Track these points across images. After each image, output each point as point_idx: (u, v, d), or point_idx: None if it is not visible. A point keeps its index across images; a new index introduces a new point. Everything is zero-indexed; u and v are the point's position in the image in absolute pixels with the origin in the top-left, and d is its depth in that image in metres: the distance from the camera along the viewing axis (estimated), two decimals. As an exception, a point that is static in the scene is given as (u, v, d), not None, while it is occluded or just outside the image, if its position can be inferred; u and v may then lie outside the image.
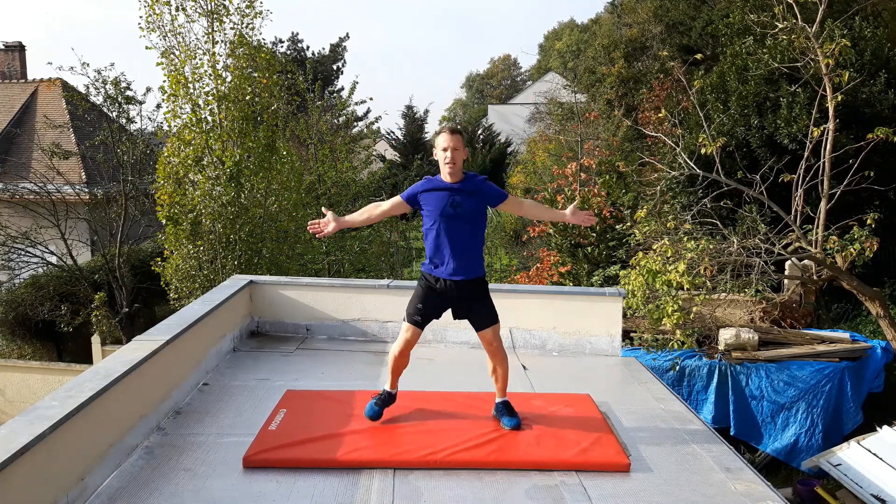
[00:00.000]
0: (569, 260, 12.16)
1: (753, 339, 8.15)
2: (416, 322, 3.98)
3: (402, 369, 4.14)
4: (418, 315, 3.98)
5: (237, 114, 9.13)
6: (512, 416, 4.09)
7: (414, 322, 3.98)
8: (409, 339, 3.99)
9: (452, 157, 3.84)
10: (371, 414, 4.05)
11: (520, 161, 26.55)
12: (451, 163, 3.84)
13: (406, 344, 4.01)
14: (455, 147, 3.84)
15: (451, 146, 3.83)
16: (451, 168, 3.85)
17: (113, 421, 3.56)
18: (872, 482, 6.26)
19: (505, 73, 65.10)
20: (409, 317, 4.01)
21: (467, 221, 3.90)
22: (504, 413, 4.12)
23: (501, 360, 4.08)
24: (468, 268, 3.95)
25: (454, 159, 3.84)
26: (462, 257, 3.91)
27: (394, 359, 4.08)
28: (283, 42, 29.43)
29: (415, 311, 3.99)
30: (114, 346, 11.06)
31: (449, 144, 3.84)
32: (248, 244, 9.27)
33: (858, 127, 9.41)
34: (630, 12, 20.25)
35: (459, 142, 3.87)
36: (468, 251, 3.94)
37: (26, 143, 17.02)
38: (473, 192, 3.91)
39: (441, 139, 3.88)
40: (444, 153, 3.86)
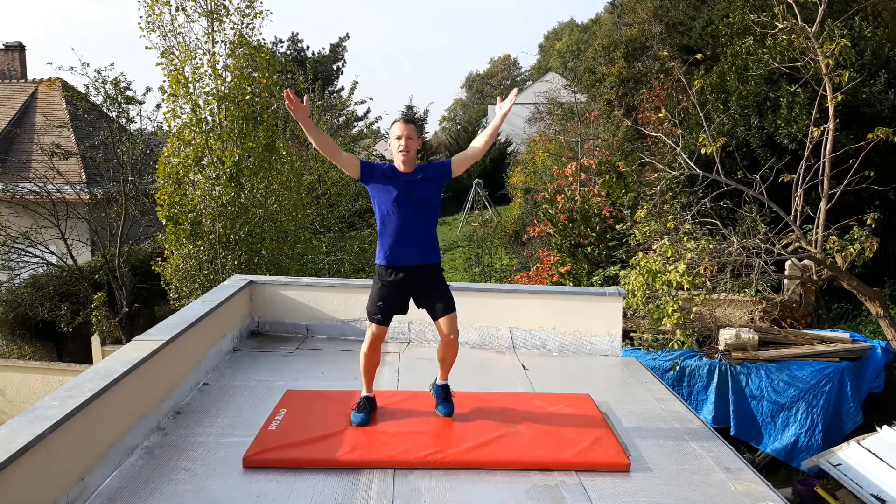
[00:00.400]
0: (569, 260, 12.16)
1: (753, 339, 8.15)
2: (377, 320, 3.99)
3: (373, 369, 4.14)
4: (378, 313, 3.99)
5: (237, 114, 9.13)
6: (448, 403, 4.14)
7: (376, 321, 4.00)
8: (375, 335, 4.00)
9: (406, 146, 3.88)
10: (358, 422, 4.02)
11: (520, 161, 26.55)
12: (405, 150, 3.88)
13: (372, 341, 4.01)
14: (409, 136, 3.88)
15: (404, 135, 3.88)
16: (405, 156, 3.89)
17: (113, 421, 3.56)
18: (872, 482, 6.26)
19: (505, 73, 65.07)
20: (370, 316, 4.02)
21: (420, 209, 3.92)
22: (442, 399, 4.16)
23: (454, 349, 4.09)
24: (422, 253, 3.96)
25: (408, 147, 3.88)
26: (416, 244, 3.93)
27: (363, 357, 4.08)
28: (283, 42, 29.46)
29: (375, 308, 4.00)
30: (114, 346, 11.06)
31: (403, 133, 3.88)
32: (248, 244, 9.27)
33: (858, 127, 9.41)
34: (630, 12, 20.25)
35: (413, 131, 3.92)
36: (422, 238, 3.96)
37: (26, 143, 17.03)
38: (425, 180, 3.93)
39: (395, 128, 3.92)
40: (397, 141, 3.90)
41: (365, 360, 4.09)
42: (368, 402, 4.13)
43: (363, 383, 4.16)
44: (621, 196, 12.75)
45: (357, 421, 4.02)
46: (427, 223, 3.98)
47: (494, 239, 18.40)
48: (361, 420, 4.02)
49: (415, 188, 3.90)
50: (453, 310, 4.03)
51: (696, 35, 15.93)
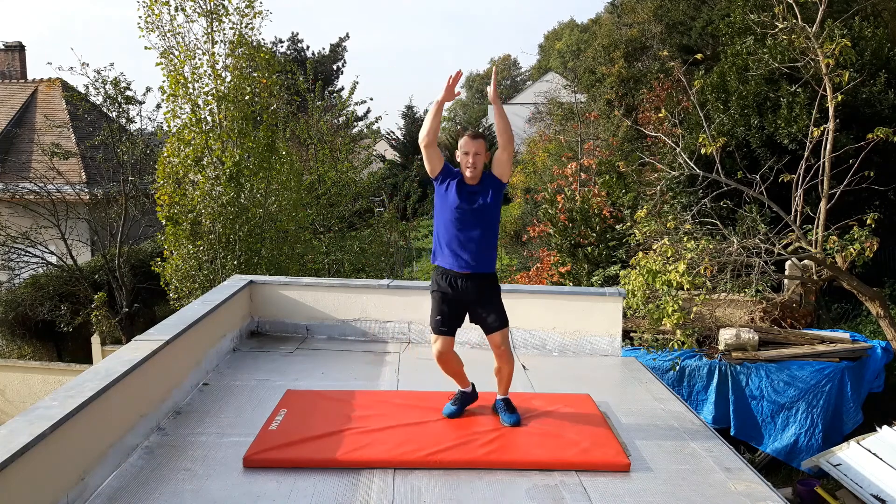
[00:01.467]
0: (569, 260, 12.16)
1: (753, 339, 8.15)
2: (442, 332, 4.05)
3: (457, 369, 4.21)
4: (443, 325, 4.04)
5: (237, 114, 9.12)
6: (512, 413, 4.14)
7: (440, 332, 4.05)
8: (440, 348, 4.07)
9: (474, 162, 3.91)
10: (448, 413, 4.16)
11: (520, 161, 26.54)
12: (473, 167, 3.91)
13: (440, 354, 4.08)
14: (477, 152, 3.91)
15: (472, 151, 3.90)
16: (472, 172, 3.93)
17: (113, 421, 3.56)
18: (872, 482, 6.26)
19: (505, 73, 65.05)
20: (434, 328, 4.08)
21: (480, 217, 3.94)
22: (504, 409, 4.17)
23: (507, 361, 4.13)
24: (479, 262, 3.99)
25: (475, 164, 3.92)
26: (473, 251, 3.96)
27: (444, 369, 4.16)
28: (283, 42, 29.47)
29: (436, 322, 4.06)
30: (114, 346, 11.05)
31: (471, 149, 3.90)
32: (248, 244, 9.27)
33: (858, 127, 9.41)
34: (630, 12, 20.25)
35: (482, 146, 3.94)
36: (480, 246, 3.98)
37: (26, 143, 17.02)
38: (486, 190, 3.96)
39: (463, 143, 3.94)
40: (465, 157, 3.92)
41: (445, 370, 4.18)
42: (463, 396, 4.23)
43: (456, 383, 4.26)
44: (621, 196, 12.75)
45: (447, 413, 4.15)
46: (486, 233, 3.99)
47: (494, 239, 18.35)
48: (451, 412, 4.16)
49: (477, 199, 3.93)
50: (505, 325, 4.07)
51: (697, 35, 15.94)
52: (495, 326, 4.03)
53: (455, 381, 4.24)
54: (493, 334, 4.05)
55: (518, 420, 4.11)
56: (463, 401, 4.22)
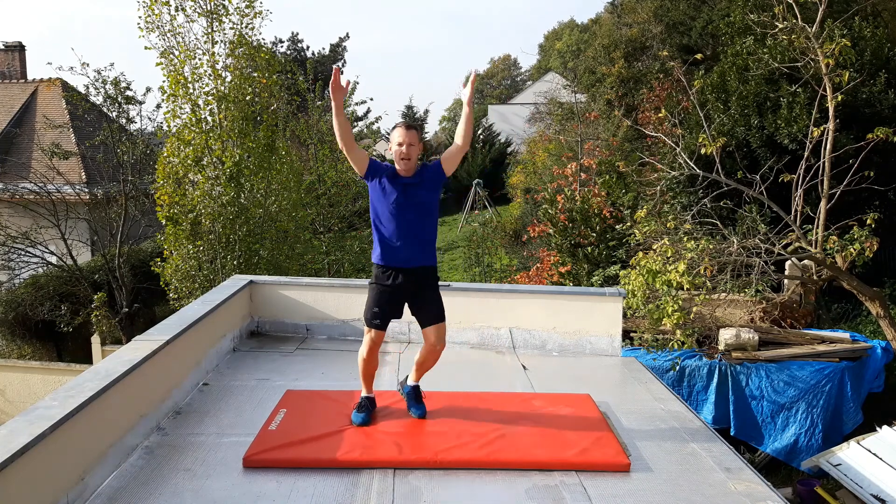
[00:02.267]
0: (569, 260, 12.16)
1: (753, 339, 8.15)
2: (376, 325, 4.01)
3: (372, 372, 4.16)
4: (376, 318, 4.00)
5: (237, 114, 9.12)
6: (420, 405, 4.16)
7: (374, 325, 4.01)
8: (374, 340, 4.02)
9: (408, 153, 3.88)
10: (359, 422, 4.04)
11: (520, 161, 26.54)
12: (407, 157, 3.88)
13: (370, 347, 4.03)
14: (410, 142, 3.88)
15: (406, 141, 3.87)
16: (406, 163, 3.89)
17: (113, 421, 3.56)
18: (872, 482, 6.26)
19: (505, 73, 65.07)
20: (367, 321, 4.04)
21: (418, 212, 3.92)
22: (413, 399, 4.18)
23: (436, 359, 4.13)
24: (419, 255, 3.96)
25: (409, 154, 3.88)
26: (413, 246, 3.93)
27: (362, 362, 4.10)
28: (283, 42, 29.49)
29: (371, 314, 4.01)
30: (114, 346, 11.06)
31: (404, 140, 3.87)
32: (248, 244, 9.27)
33: (858, 127, 9.41)
34: (630, 12, 20.24)
35: (415, 137, 3.91)
36: (420, 240, 3.96)
37: (26, 143, 17.02)
38: (423, 183, 3.93)
39: (396, 134, 3.90)
40: (399, 148, 3.89)
41: (364, 365, 4.11)
42: (369, 402, 4.15)
43: (363, 385, 4.17)
44: (621, 196, 12.75)
45: (358, 421, 4.03)
46: (426, 226, 3.98)
47: (494, 239, 18.40)
48: (362, 420, 4.04)
49: (414, 191, 3.90)
50: (443, 319, 4.04)
51: (697, 35, 15.93)
52: (433, 319, 4.01)
53: (364, 383, 4.16)
54: (429, 327, 4.02)
55: (424, 412, 4.12)
56: (371, 407, 4.15)
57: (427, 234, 4.01)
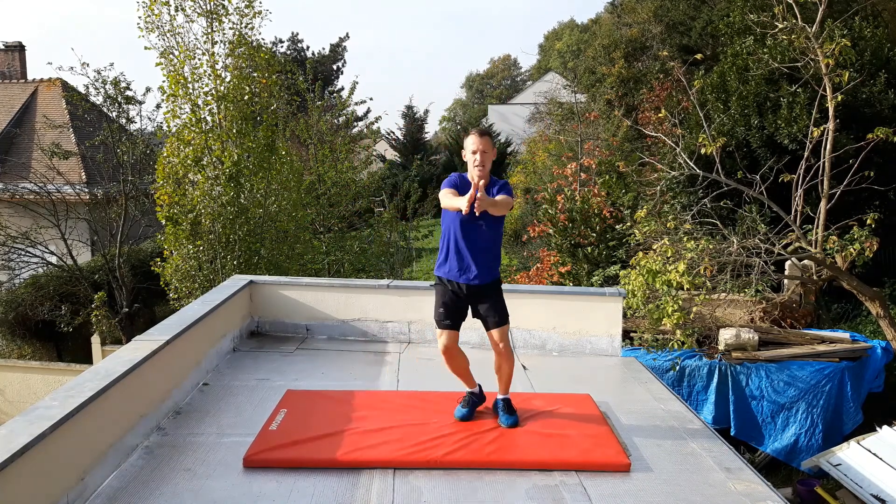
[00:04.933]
0: (569, 260, 12.16)
1: (753, 339, 8.15)
2: (445, 326, 4.00)
3: (463, 368, 4.16)
4: (446, 319, 3.99)
5: (236, 114, 9.11)
6: (510, 414, 4.11)
7: (444, 326, 4.00)
8: (446, 343, 4.01)
9: (482, 161, 3.84)
10: (460, 416, 4.11)
11: (520, 161, 26.53)
12: (481, 165, 3.84)
13: (445, 349, 4.02)
14: (484, 150, 3.84)
15: (480, 149, 3.84)
16: (481, 171, 3.85)
17: (113, 421, 3.56)
18: (872, 482, 6.26)
19: (505, 73, 65.08)
20: (437, 322, 4.03)
21: (487, 226, 3.88)
22: (503, 410, 4.14)
23: (507, 359, 4.09)
24: (482, 272, 3.93)
25: (483, 162, 3.85)
26: (477, 261, 3.90)
27: (448, 366, 4.11)
28: (283, 42, 29.49)
29: (439, 315, 4.01)
30: (114, 346, 11.05)
31: (478, 147, 3.84)
32: (248, 244, 9.27)
33: (858, 127, 9.41)
34: (630, 12, 20.24)
35: (488, 144, 3.88)
36: (484, 255, 3.93)
37: (26, 143, 17.02)
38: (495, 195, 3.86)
39: (470, 142, 3.87)
40: (473, 156, 3.85)
41: (451, 367, 4.12)
42: (473, 397, 4.18)
43: (463, 383, 4.21)
44: (621, 196, 12.75)
45: (459, 415, 4.09)
46: (490, 239, 3.94)
47: (494, 239, 18.34)
48: (463, 415, 4.10)
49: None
50: (505, 322, 4.02)
51: (697, 35, 15.93)
52: (494, 323, 4.00)
53: (461, 380, 4.20)
54: (491, 331, 4.02)
55: (517, 422, 4.09)
56: (472, 402, 4.17)
57: (491, 248, 3.97)
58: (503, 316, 4.03)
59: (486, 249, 3.94)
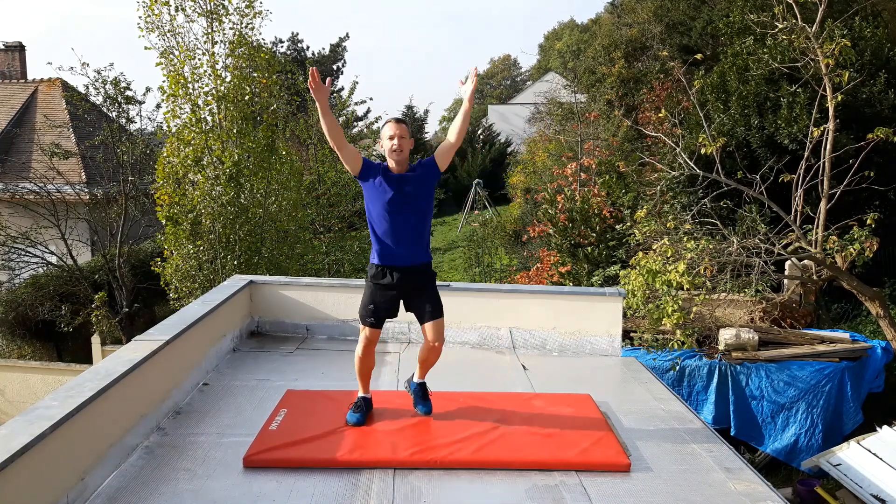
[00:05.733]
0: (569, 260, 12.16)
1: (753, 339, 8.15)
2: (370, 323, 4.00)
3: (369, 371, 4.15)
4: (371, 315, 3.99)
5: (237, 114, 9.12)
6: (426, 402, 4.17)
7: (368, 323, 4.00)
8: (369, 339, 4.02)
9: (400, 145, 3.87)
10: (354, 421, 4.03)
11: (520, 161, 26.51)
12: (399, 150, 3.87)
13: (366, 345, 4.03)
14: (401, 135, 3.88)
15: (397, 134, 3.87)
16: (399, 155, 3.88)
17: (113, 421, 3.56)
18: (872, 482, 6.26)
19: (505, 73, 65.06)
20: (362, 318, 4.03)
21: (414, 210, 3.92)
22: (420, 396, 4.19)
23: (438, 354, 4.10)
24: (415, 254, 3.96)
25: (401, 146, 3.88)
26: (409, 244, 3.93)
27: (358, 361, 4.09)
28: (283, 42, 29.45)
29: (366, 311, 4.01)
30: (114, 346, 11.06)
31: (395, 132, 3.87)
32: (248, 244, 9.27)
33: (858, 127, 9.41)
34: (630, 12, 20.24)
35: (405, 130, 3.92)
36: (415, 238, 3.96)
37: (26, 143, 17.02)
38: (417, 179, 3.91)
39: (387, 128, 3.91)
40: (390, 141, 3.89)
41: (360, 364, 4.10)
42: (365, 403, 4.14)
43: (359, 385, 4.17)
44: (621, 196, 12.75)
45: (353, 421, 4.03)
46: (421, 223, 3.98)
47: (494, 239, 18.38)
48: (357, 420, 4.04)
49: (409, 189, 3.89)
50: (441, 315, 4.02)
51: (697, 35, 15.93)
52: (430, 315, 3.99)
53: (360, 382, 4.14)
54: (427, 323, 4.01)
55: (430, 409, 4.13)
56: (367, 407, 4.13)
57: (423, 230, 4.01)
58: (440, 308, 4.02)
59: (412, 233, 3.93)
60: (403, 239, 3.91)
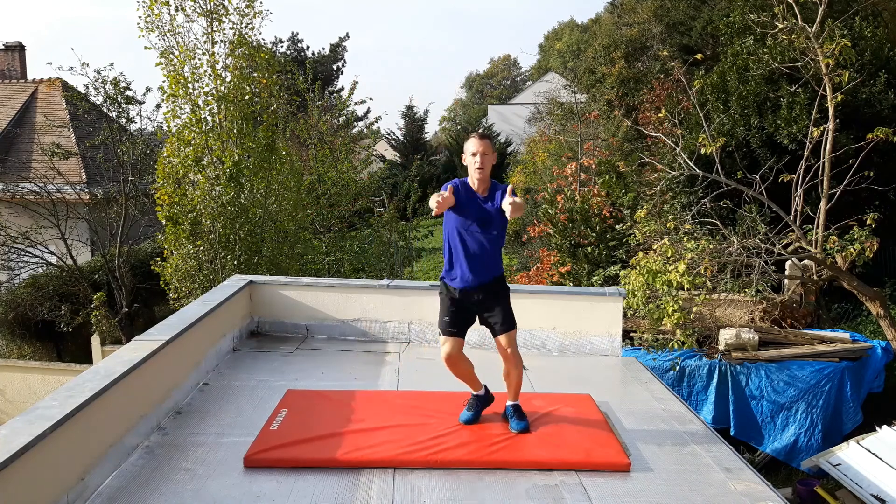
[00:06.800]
0: (569, 260, 12.15)
1: (753, 339, 8.15)
2: (450, 333, 3.95)
3: (468, 372, 4.09)
4: (451, 326, 3.95)
5: (237, 114, 9.11)
6: (521, 420, 4.07)
7: (449, 333, 3.96)
8: (449, 350, 3.96)
9: (482, 163, 3.83)
10: (465, 420, 4.06)
11: (520, 161, 26.51)
12: (481, 168, 3.83)
13: (448, 356, 3.97)
14: (484, 152, 3.84)
15: (480, 151, 3.83)
16: (481, 173, 3.84)
17: (113, 421, 3.56)
18: (872, 482, 6.26)
19: (505, 73, 65.08)
20: (442, 329, 3.99)
21: (489, 232, 3.86)
22: (514, 416, 4.10)
23: (515, 365, 4.03)
24: (485, 273, 3.91)
25: (483, 164, 3.84)
26: (480, 265, 3.88)
27: (453, 372, 4.05)
28: (283, 42, 29.44)
29: (444, 323, 3.98)
30: (114, 346, 11.05)
31: (479, 149, 3.83)
32: (248, 244, 9.26)
33: (858, 127, 9.41)
34: (630, 12, 20.23)
35: (488, 146, 3.87)
36: (486, 258, 3.91)
37: (26, 143, 17.03)
38: (495, 198, 3.86)
39: (470, 144, 3.86)
40: (473, 158, 3.84)
41: (456, 373, 4.06)
42: (477, 401, 4.13)
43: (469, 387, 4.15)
44: (621, 196, 12.75)
45: (463, 419, 4.05)
46: (492, 243, 3.91)
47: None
48: (468, 419, 4.06)
49: (489, 210, 3.84)
50: (512, 328, 3.97)
51: (697, 35, 15.93)
52: (501, 329, 3.96)
53: (467, 384, 4.15)
54: (498, 336, 3.98)
55: (527, 427, 4.02)
56: (477, 405, 4.13)
57: (496, 251, 3.95)
58: (510, 322, 3.98)
59: (489, 253, 3.91)
60: (480, 260, 3.86)
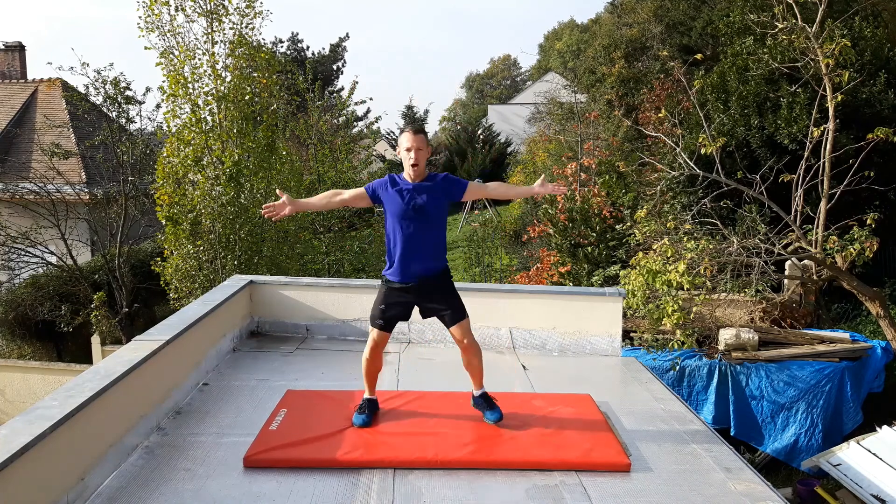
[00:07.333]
0: (569, 260, 12.15)
1: (753, 339, 8.14)
2: (379, 326, 3.96)
3: (375, 373, 4.12)
4: (381, 318, 3.96)
5: (237, 114, 9.12)
6: (493, 410, 4.08)
7: (378, 326, 3.96)
8: (377, 342, 3.98)
9: (416, 158, 3.84)
10: (360, 423, 4.02)
11: (520, 161, 26.54)
12: (416, 163, 3.85)
13: (373, 347, 3.99)
14: (419, 147, 3.85)
15: (414, 146, 3.84)
16: (416, 169, 3.87)
17: (113, 421, 3.56)
18: (872, 482, 6.25)
19: (505, 73, 65.10)
20: (372, 320, 4.00)
21: (427, 222, 3.89)
22: (485, 406, 4.11)
23: (475, 354, 4.03)
24: (428, 266, 3.93)
25: (417, 159, 3.85)
26: (422, 258, 3.91)
27: (365, 362, 4.06)
28: (283, 42, 29.46)
29: (378, 313, 3.97)
30: (114, 346, 11.06)
31: (412, 144, 3.84)
32: (248, 244, 9.27)
33: (858, 127, 9.41)
34: (630, 12, 20.24)
35: (423, 141, 3.88)
36: (428, 250, 3.93)
37: (26, 143, 17.03)
38: (434, 191, 3.89)
39: (404, 139, 3.87)
40: (407, 153, 3.86)
41: (367, 366, 4.08)
42: (370, 405, 4.13)
43: (365, 386, 4.16)
44: (621, 196, 12.75)
45: (358, 422, 4.01)
46: (433, 235, 3.94)
47: (494, 239, 18.38)
48: (363, 422, 4.02)
49: (422, 199, 3.85)
50: (464, 317, 3.97)
51: (697, 35, 15.93)
52: (451, 320, 3.95)
53: (367, 383, 4.11)
54: (451, 328, 3.97)
55: (501, 416, 4.04)
56: (372, 409, 4.10)
57: (436, 243, 3.97)
58: (461, 311, 3.97)
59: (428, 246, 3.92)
60: (418, 252, 3.88)
